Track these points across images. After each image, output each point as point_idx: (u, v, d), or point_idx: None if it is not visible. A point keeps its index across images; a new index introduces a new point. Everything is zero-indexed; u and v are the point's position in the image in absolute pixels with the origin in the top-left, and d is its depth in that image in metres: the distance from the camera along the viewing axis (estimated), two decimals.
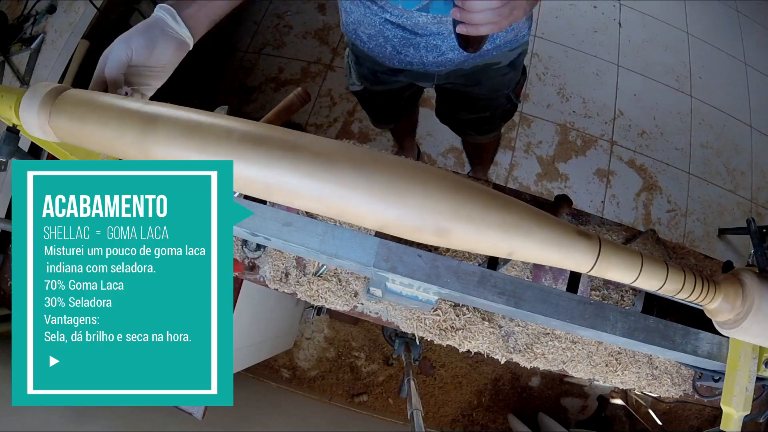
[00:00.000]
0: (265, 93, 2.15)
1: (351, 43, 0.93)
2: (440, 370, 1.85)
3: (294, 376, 1.88)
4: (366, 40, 0.85)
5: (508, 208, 0.37)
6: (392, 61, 0.86)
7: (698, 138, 2.11)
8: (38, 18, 1.31)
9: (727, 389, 0.56)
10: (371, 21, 0.78)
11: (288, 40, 2.23)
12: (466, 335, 0.77)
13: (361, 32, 0.84)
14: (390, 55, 0.84)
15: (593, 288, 0.78)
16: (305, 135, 0.38)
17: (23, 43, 1.28)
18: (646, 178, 2.02)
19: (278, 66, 2.18)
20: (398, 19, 0.74)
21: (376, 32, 0.80)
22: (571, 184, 1.98)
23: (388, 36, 0.79)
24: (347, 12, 0.83)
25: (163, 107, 0.40)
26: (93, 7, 1.32)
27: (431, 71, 0.87)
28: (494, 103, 1.07)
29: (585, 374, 0.77)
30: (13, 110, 0.46)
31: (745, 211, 2.04)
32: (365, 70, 0.99)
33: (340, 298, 0.79)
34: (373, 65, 0.93)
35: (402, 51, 0.81)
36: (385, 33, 0.79)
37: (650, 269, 0.42)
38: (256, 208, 0.56)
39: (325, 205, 0.37)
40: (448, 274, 0.55)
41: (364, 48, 0.88)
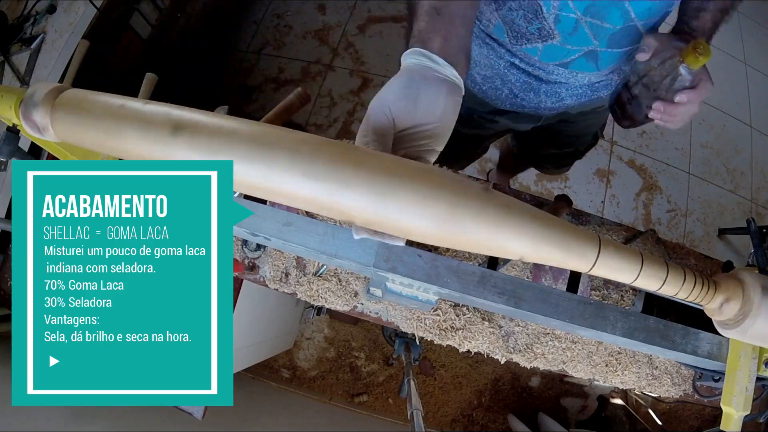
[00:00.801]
0: (265, 93, 2.15)
1: None
2: (440, 370, 1.85)
3: (294, 376, 1.88)
4: (480, 81, 0.81)
5: (508, 208, 0.37)
6: (504, 103, 0.82)
7: (698, 138, 2.11)
8: (38, 18, 1.31)
9: (727, 389, 0.56)
10: (493, 63, 0.74)
11: (288, 40, 2.23)
12: (466, 335, 0.77)
13: (475, 73, 0.79)
14: (504, 98, 0.81)
15: (593, 288, 0.78)
16: (306, 134, 0.38)
17: (23, 43, 1.28)
18: (646, 178, 2.02)
19: (278, 66, 2.18)
20: (527, 66, 0.71)
21: (495, 74, 0.76)
22: (571, 184, 1.98)
23: (508, 79, 0.76)
24: None
25: (163, 107, 0.40)
26: (93, 7, 1.32)
27: (541, 114, 0.84)
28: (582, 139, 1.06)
29: (585, 374, 0.77)
30: (13, 110, 0.46)
31: (745, 211, 2.04)
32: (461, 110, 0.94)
33: (340, 298, 0.79)
34: (476, 105, 0.88)
35: (519, 95, 0.78)
36: (507, 77, 0.75)
37: (650, 269, 0.42)
38: (256, 208, 0.56)
39: (325, 204, 0.37)
40: (448, 274, 0.55)
41: (474, 88, 0.83)
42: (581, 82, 0.73)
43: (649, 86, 0.57)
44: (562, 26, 0.61)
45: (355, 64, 2.16)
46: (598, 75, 0.72)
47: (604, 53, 0.65)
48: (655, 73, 0.55)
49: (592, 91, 0.77)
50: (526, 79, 0.74)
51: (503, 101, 0.82)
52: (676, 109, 0.56)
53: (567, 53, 0.65)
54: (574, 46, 0.64)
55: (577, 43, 0.63)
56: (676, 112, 0.56)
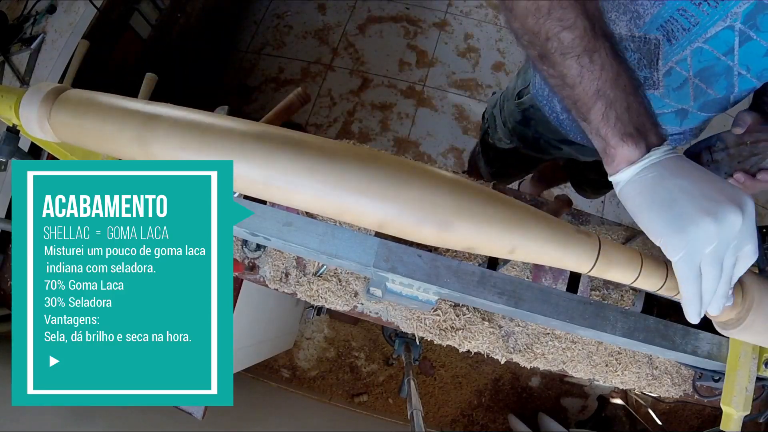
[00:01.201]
0: (265, 93, 2.15)
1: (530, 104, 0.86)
2: (440, 370, 1.85)
3: (294, 376, 1.88)
4: (559, 111, 0.80)
5: (509, 207, 0.37)
6: (576, 136, 0.81)
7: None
8: (38, 18, 1.31)
9: (727, 389, 0.56)
10: None
11: (288, 40, 2.23)
12: (466, 335, 0.77)
13: (557, 101, 0.78)
14: (578, 131, 0.79)
15: (593, 288, 0.78)
16: (305, 134, 0.38)
17: (23, 43, 1.28)
18: None
19: (278, 66, 2.18)
20: None
21: None
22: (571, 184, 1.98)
23: None
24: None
25: (163, 107, 0.40)
26: (93, 7, 1.32)
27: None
28: None
29: (585, 374, 0.77)
30: (13, 110, 0.46)
31: None
32: (529, 133, 0.92)
33: (340, 298, 0.79)
34: (547, 132, 0.87)
35: None
36: None
37: (650, 269, 0.42)
38: (256, 208, 0.56)
39: (325, 202, 0.37)
40: (448, 274, 0.55)
41: (551, 116, 0.82)
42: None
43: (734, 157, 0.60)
44: (670, 80, 0.60)
45: (355, 64, 2.16)
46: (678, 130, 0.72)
47: (693, 114, 0.65)
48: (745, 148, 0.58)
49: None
50: None
51: (576, 134, 0.82)
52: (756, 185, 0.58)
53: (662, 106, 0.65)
54: (671, 101, 0.64)
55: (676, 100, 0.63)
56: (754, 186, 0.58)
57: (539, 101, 0.84)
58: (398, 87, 2.12)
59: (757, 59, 0.54)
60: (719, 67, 0.56)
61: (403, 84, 2.12)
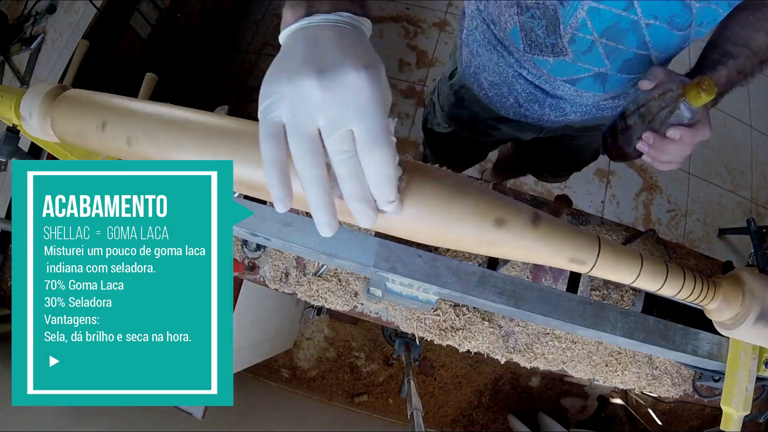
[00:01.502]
0: None
1: (460, 84, 0.87)
2: (440, 370, 1.85)
3: (294, 376, 1.88)
4: (486, 87, 0.80)
5: (508, 207, 0.37)
6: (508, 111, 0.82)
7: None
8: (38, 18, 1.31)
9: (727, 389, 0.56)
10: (502, 70, 0.74)
11: None
12: (466, 335, 0.77)
13: (483, 78, 0.79)
14: (509, 106, 0.80)
15: (593, 288, 0.78)
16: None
17: (23, 43, 1.28)
18: (646, 178, 2.02)
19: None
20: (534, 78, 0.71)
21: (502, 82, 0.76)
22: (571, 184, 1.98)
23: (515, 89, 0.75)
24: (473, 54, 0.78)
25: (163, 107, 0.40)
26: (93, 7, 1.32)
27: (544, 126, 0.84)
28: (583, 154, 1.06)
29: (585, 374, 0.77)
30: (13, 110, 0.46)
31: (745, 211, 2.04)
32: (465, 114, 0.93)
33: (340, 298, 0.79)
34: (480, 111, 0.88)
35: (524, 105, 0.78)
36: (514, 86, 0.75)
37: (650, 270, 0.42)
38: (256, 208, 0.56)
39: None
40: (448, 274, 0.55)
41: (480, 93, 0.83)
42: (586, 102, 0.73)
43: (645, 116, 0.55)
44: (576, 46, 0.60)
45: None
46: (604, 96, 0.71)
47: (613, 77, 0.65)
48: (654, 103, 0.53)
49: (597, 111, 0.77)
50: (532, 90, 0.74)
51: (507, 109, 0.82)
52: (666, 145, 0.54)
53: (577, 71, 0.65)
54: (585, 65, 0.63)
55: (588, 63, 0.63)
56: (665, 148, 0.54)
57: (467, 80, 0.84)
58: (398, 87, 2.12)
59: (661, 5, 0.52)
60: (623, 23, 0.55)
61: (403, 84, 2.12)
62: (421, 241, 0.37)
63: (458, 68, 0.87)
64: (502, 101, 0.81)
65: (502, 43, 0.70)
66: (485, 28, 0.72)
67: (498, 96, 0.80)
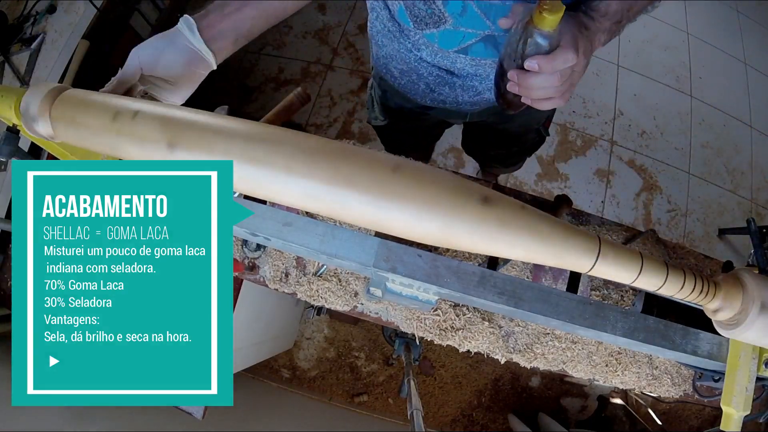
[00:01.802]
0: (265, 93, 2.15)
1: (379, 77, 0.88)
2: (440, 370, 1.85)
3: (294, 376, 1.88)
4: (398, 76, 0.81)
5: (507, 206, 0.37)
6: (424, 98, 0.82)
7: (698, 138, 2.11)
8: (38, 18, 1.31)
9: (727, 389, 0.56)
10: (404, 57, 0.74)
11: (288, 40, 2.23)
12: (466, 335, 0.77)
13: (392, 67, 0.80)
14: (423, 93, 0.81)
15: (593, 288, 0.78)
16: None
17: (23, 43, 1.28)
18: (646, 178, 2.02)
19: (278, 66, 2.18)
20: (433, 59, 0.71)
21: (409, 69, 0.76)
22: (571, 184, 1.98)
23: (422, 73, 0.76)
24: (379, 45, 0.79)
25: (163, 107, 0.40)
26: (93, 7, 1.32)
27: (465, 110, 0.84)
28: (524, 138, 1.05)
29: (585, 374, 0.77)
30: (13, 110, 0.46)
31: (745, 211, 2.04)
32: (392, 105, 0.94)
33: (340, 298, 0.79)
34: (403, 101, 0.89)
35: (436, 89, 0.78)
36: (419, 70, 0.75)
37: (650, 269, 0.42)
38: (256, 208, 0.56)
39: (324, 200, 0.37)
40: (448, 274, 0.55)
41: (395, 83, 0.84)
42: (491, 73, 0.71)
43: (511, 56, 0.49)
44: (450, 7, 0.59)
45: (355, 64, 2.16)
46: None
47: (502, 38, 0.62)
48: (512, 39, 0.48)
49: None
50: (437, 72, 0.73)
51: (422, 96, 0.82)
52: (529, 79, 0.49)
53: (462, 37, 0.63)
54: (468, 29, 0.62)
55: (470, 26, 0.61)
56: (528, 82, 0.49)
57: (381, 71, 0.85)
58: None
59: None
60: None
61: None
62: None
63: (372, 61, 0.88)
64: (414, 88, 0.81)
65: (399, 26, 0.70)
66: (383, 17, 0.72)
67: (410, 83, 0.81)
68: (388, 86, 0.87)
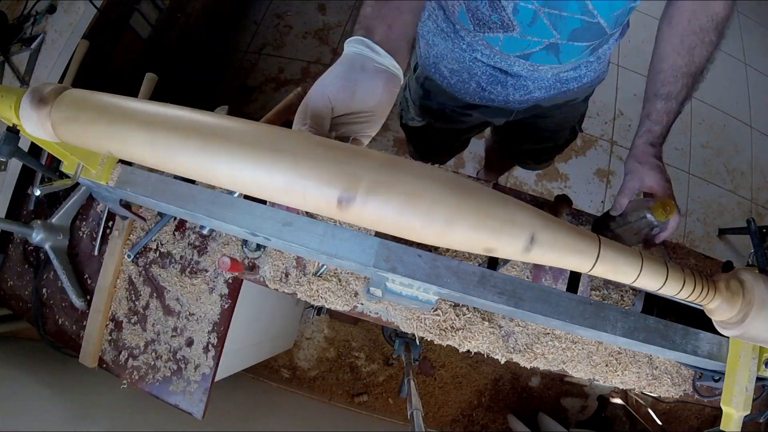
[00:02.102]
0: (265, 93, 2.15)
1: (424, 77, 0.88)
2: (440, 370, 1.84)
3: (294, 376, 1.88)
4: (447, 75, 0.81)
5: (506, 206, 0.37)
6: (473, 97, 0.83)
7: (698, 138, 2.11)
8: (38, 18, 1.30)
9: (727, 389, 0.56)
10: (458, 57, 0.75)
11: (288, 40, 2.23)
12: (466, 335, 0.77)
13: (443, 66, 0.80)
14: (473, 92, 0.81)
15: (593, 288, 0.78)
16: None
17: (23, 43, 1.28)
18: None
19: (278, 66, 2.18)
20: (489, 60, 0.71)
21: (462, 68, 0.77)
22: (571, 184, 1.98)
23: (475, 73, 0.76)
24: (429, 45, 0.79)
25: (164, 107, 0.40)
26: (93, 7, 1.32)
27: (512, 108, 0.84)
28: (559, 134, 1.06)
29: (585, 374, 0.77)
30: (13, 110, 0.46)
31: (745, 211, 2.04)
32: (434, 105, 0.94)
33: (340, 298, 0.79)
34: (447, 100, 0.89)
35: (487, 88, 0.78)
36: (473, 70, 0.76)
37: (650, 269, 0.42)
38: (256, 208, 0.56)
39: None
40: (448, 274, 0.55)
41: (443, 83, 0.84)
42: (545, 75, 0.73)
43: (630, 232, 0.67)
44: (520, 17, 0.60)
45: None
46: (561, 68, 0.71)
47: (565, 46, 0.65)
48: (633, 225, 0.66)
49: (560, 84, 0.77)
50: (491, 72, 0.74)
51: (472, 95, 0.82)
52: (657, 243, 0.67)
53: (527, 45, 0.65)
54: (534, 38, 0.63)
55: (537, 35, 0.63)
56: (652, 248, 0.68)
57: (428, 71, 0.85)
58: None
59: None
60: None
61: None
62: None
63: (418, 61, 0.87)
64: (465, 87, 0.81)
65: (454, 27, 0.70)
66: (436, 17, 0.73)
67: (460, 82, 0.81)
68: (434, 86, 0.87)
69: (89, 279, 0.91)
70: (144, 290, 0.88)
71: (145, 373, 0.86)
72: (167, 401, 0.85)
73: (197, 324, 0.85)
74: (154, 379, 0.86)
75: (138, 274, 0.89)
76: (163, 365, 0.86)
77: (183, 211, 0.58)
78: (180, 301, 0.87)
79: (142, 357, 0.87)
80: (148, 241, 0.88)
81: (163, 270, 0.88)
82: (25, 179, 1.01)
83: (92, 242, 0.92)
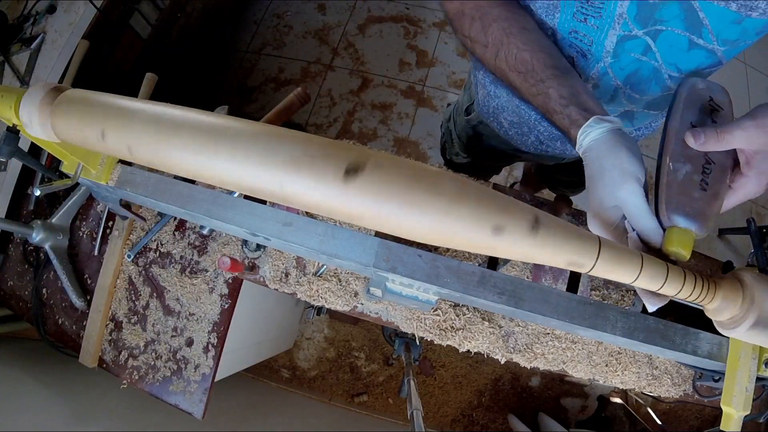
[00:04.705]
0: (265, 93, 2.15)
1: (479, 120, 0.87)
2: (440, 370, 1.84)
3: (294, 376, 1.88)
4: (506, 126, 0.80)
5: (506, 213, 0.37)
6: (529, 148, 0.82)
7: None
8: (38, 18, 1.30)
9: (727, 389, 0.56)
10: (522, 113, 0.74)
11: (288, 40, 2.23)
12: (466, 335, 0.77)
13: (502, 118, 0.79)
14: (530, 144, 0.81)
15: (593, 288, 0.78)
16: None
17: (23, 43, 1.28)
18: (646, 177, 2.02)
19: (278, 66, 2.18)
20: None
21: (521, 122, 0.76)
22: None
23: (537, 129, 0.75)
24: (491, 95, 0.78)
25: (164, 107, 0.40)
26: (93, 7, 1.32)
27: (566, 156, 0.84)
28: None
29: (585, 374, 0.77)
30: (13, 110, 0.46)
31: (745, 211, 2.04)
32: (483, 146, 0.93)
33: (340, 298, 0.79)
34: (501, 145, 0.88)
35: (545, 142, 0.78)
36: (536, 127, 0.75)
37: (650, 269, 0.42)
38: (256, 208, 0.56)
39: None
40: (448, 274, 0.55)
41: (500, 131, 0.83)
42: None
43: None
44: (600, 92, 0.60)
45: (355, 64, 2.16)
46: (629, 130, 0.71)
47: (640, 114, 0.65)
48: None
49: None
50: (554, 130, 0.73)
51: (528, 146, 0.82)
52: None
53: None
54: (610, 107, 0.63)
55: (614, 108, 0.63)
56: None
57: (485, 117, 0.84)
58: (398, 87, 2.12)
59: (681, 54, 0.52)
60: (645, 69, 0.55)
61: (403, 84, 2.12)
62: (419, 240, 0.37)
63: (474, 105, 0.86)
64: (522, 139, 0.80)
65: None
66: None
67: (519, 135, 0.80)
68: (489, 131, 0.86)
69: (89, 279, 0.91)
70: (144, 290, 0.88)
71: (145, 373, 0.86)
72: (167, 401, 0.85)
73: (197, 324, 0.86)
74: (154, 379, 0.86)
75: (138, 274, 0.89)
76: (163, 365, 0.86)
77: (183, 211, 0.58)
78: (180, 301, 0.87)
79: (142, 357, 0.87)
80: (148, 241, 0.88)
81: (163, 270, 0.88)
82: (25, 179, 1.01)
83: (92, 242, 0.92)
